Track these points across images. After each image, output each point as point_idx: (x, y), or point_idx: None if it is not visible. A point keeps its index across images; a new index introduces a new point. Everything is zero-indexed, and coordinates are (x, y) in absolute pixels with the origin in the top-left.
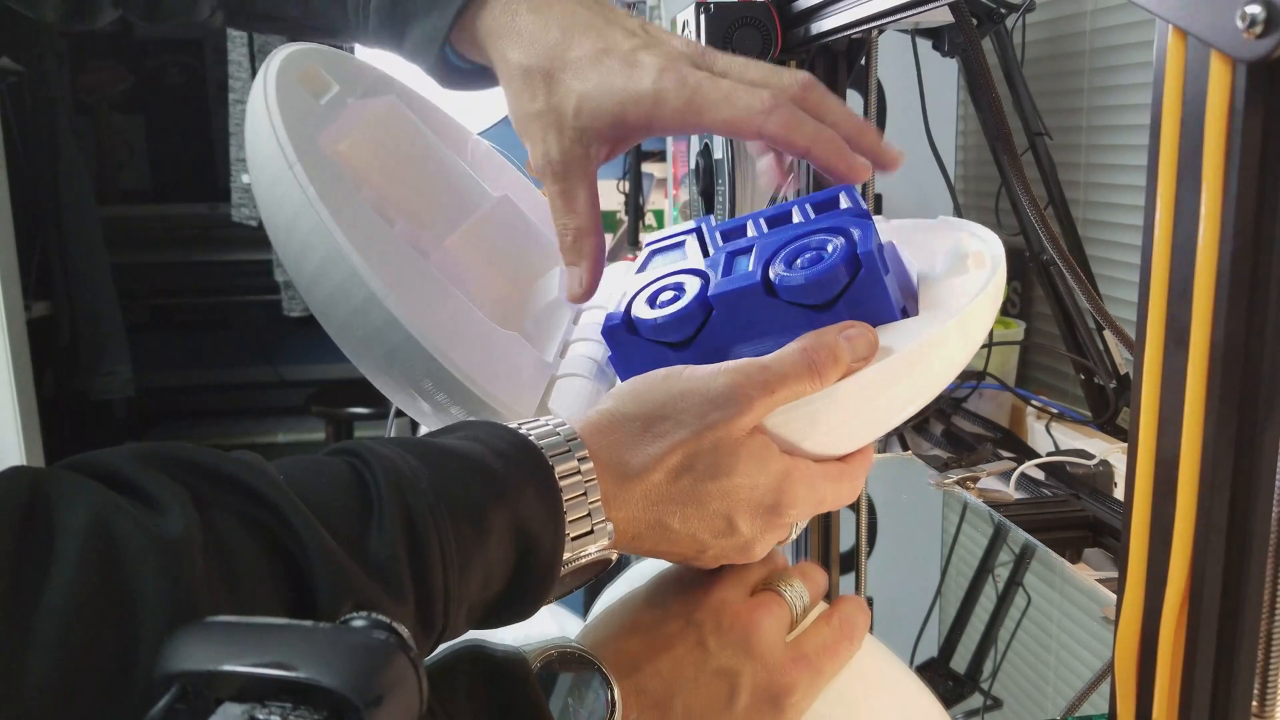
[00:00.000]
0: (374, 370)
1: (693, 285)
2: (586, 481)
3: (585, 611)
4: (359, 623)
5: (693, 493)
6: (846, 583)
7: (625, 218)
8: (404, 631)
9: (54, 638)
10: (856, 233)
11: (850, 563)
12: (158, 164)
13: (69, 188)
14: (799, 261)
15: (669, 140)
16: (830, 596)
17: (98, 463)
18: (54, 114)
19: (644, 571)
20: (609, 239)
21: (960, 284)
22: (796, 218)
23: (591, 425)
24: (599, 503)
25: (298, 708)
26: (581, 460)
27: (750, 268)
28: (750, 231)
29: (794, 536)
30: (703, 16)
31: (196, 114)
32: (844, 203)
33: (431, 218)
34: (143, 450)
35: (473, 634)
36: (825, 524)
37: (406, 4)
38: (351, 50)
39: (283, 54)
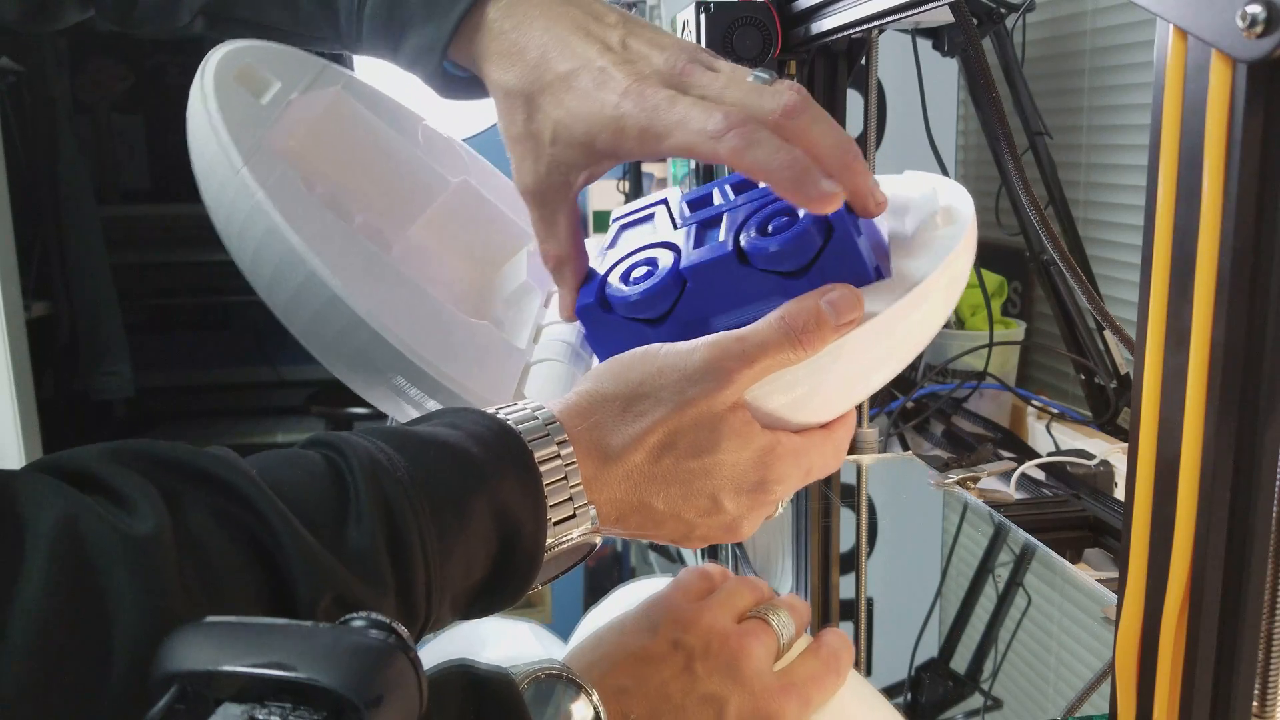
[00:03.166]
0: (346, 371)
1: (665, 259)
2: (567, 465)
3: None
4: (359, 623)
5: (675, 472)
6: (846, 583)
7: None
8: (404, 631)
9: (26, 641)
10: None
11: (850, 563)
12: (158, 164)
13: (69, 188)
14: (770, 228)
15: None
16: (830, 597)
17: (67, 462)
18: (54, 114)
19: (630, 594)
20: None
21: (933, 240)
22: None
23: (570, 408)
24: (580, 486)
25: (297, 708)
26: (561, 444)
27: (721, 238)
28: (717, 199)
29: (780, 511)
30: (703, 16)
31: None
32: None
33: (391, 208)
34: (114, 448)
35: (460, 654)
36: (825, 524)
37: (403, 13)
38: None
39: (218, 54)
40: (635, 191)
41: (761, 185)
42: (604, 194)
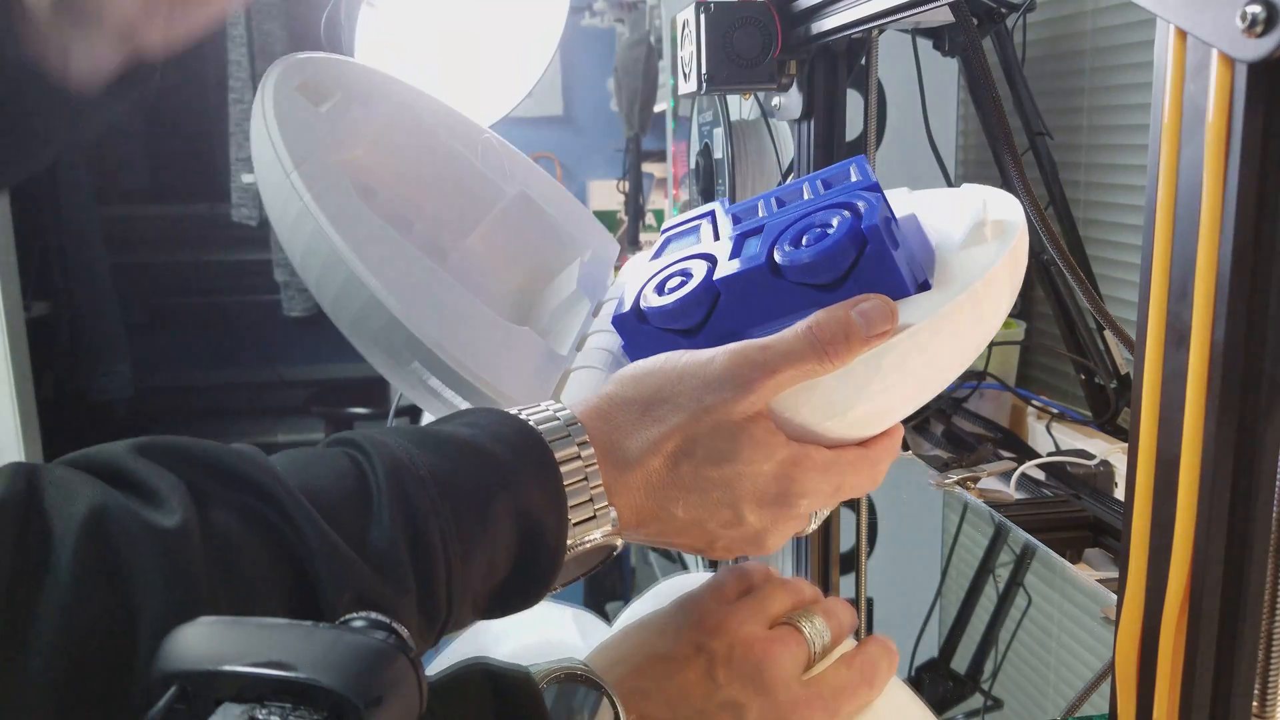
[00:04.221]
0: (388, 370)
1: (699, 270)
2: (587, 467)
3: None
4: (359, 623)
5: (694, 480)
6: (846, 583)
7: (625, 218)
8: (404, 631)
9: (55, 630)
10: (862, 206)
11: (850, 563)
12: (158, 164)
13: (69, 188)
14: (804, 240)
15: (669, 141)
16: (828, 596)
17: (96, 458)
18: None
19: (672, 589)
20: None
21: (977, 254)
22: (807, 194)
23: (591, 410)
24: (600, 488)
25: (297, 708)
26: (581, 445)
27: (758, 250)
28: (760, 212)
29: (813, 527)
30: (703, 16)
31: (196, 114)
32: (854, 175)
33: (449, 217)
34: (141, 443)
35: (499, 638)
36: (825, 524)
37: None
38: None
39: (281, 65)
40: (635, 192)
41: (806, 197)
42: (604, 194)
